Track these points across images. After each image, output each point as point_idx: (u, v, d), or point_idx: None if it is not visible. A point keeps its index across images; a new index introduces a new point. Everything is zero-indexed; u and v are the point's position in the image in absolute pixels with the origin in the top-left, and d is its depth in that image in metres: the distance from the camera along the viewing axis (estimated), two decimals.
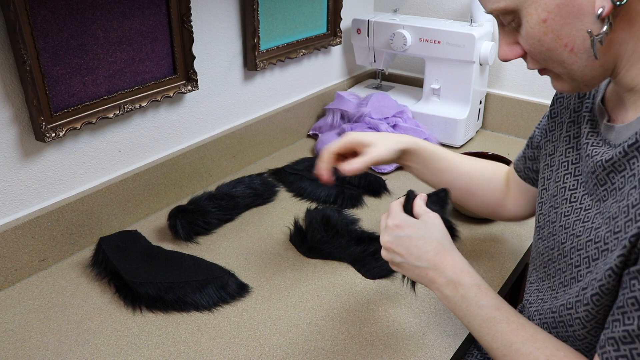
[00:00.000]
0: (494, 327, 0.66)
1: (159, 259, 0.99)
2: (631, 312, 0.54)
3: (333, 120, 1.49)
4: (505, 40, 0.65)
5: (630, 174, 0.60)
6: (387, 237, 0.74)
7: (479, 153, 1.20)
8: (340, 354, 0.82)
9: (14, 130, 0.93)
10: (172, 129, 1.21)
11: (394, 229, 0.74)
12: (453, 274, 0.69)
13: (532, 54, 0.63)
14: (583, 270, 0.65)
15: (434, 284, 0.71)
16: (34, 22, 0.88)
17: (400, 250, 0.73)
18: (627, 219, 0.57)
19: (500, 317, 0.66)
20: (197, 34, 1.17)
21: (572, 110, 0.76)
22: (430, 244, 0.71)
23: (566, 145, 0.75)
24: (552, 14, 0.57)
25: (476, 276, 0.70)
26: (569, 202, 0.71)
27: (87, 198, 1.05)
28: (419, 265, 0.71)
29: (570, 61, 0.60)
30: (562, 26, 0.58)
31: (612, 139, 0.65)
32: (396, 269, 0.76)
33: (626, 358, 0.54)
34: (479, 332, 0.67)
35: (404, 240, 0.72)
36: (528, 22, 0.60)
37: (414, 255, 0.71)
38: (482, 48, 1.38)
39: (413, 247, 0.72)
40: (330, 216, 1.09)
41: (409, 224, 0.73)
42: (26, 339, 0.85)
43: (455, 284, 0.69)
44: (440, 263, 0.70)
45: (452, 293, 0.69)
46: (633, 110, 0.63)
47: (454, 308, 0.70)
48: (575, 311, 0.64)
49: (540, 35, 0.59)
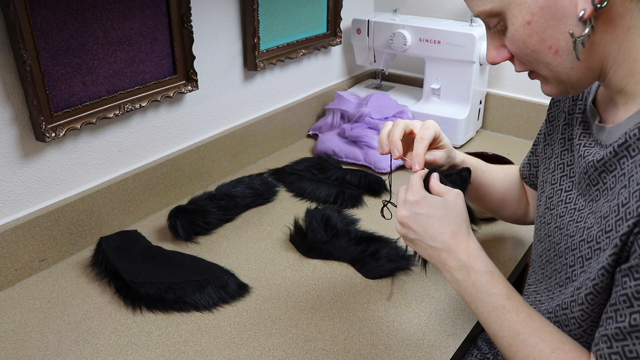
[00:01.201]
0: (503, 316, 0.65)
1: (159, 259, 0.99)
2: (623, 309, 0.55)
3: (333, 120, 1.49)
4: (492, 44, 0.66)
5: (620, 173, 0.60)
6: (405, 212, 0.71)
7: (479, 153, 1.20)
8: (340, 354, 0.82)
9: (14, 130, 0.93)
10: (172, 129, 1.21)
11: (413, 205, 0.70)
12: (466, 259, 0.68)
13: (518, 56, 0.63)
14: (577, 270, 0.65)
15: (446, 267, 0.69)
16: (34, 22, 0.88)
17: (416, 227, 0.70)
18: (618, 218, 0.57)
19: (510, 306, 0.65)
20: (197, 34, 1.17)
21: (567, 112, 0.76)
22: (449, 225, 0.69)
23: (561, 148, 0.76)
24: (535, 16, 0.58)
25: (489, 263, 0.69)
26: (564, 203, 0.72)
27: (87, 198, 1.05)
28: (433, 246, 0.69)
29: (555, 63, 0.61)
30: (545, 28, 0.58)
31: (604, 139, 0.65)
32: (408, 244, 0.74)
33: (619, 355, 0.55)
34: (486, 320, 0.67)
35: (422, 218, 0.70)
36: (513, 25, 0.60)
37: (429, 234, 0.69)
38: (482, 48, 1.38)
39: (430, 226, 0.69)
40: (330, 216, 1.09)
41: (429, 201, 0.70)
42: (26, 339, 0.85)
43: (468, 268, 0.68)
44: (455, 246, 0.69)
45: (463, 277, 0.68)
46: (623, 111, 0.63)
47: (463, 293, 0.69)
48: (570, 311, 0.64)
49: (525, 37, 0.60)
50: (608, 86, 0.64)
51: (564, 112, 0.77)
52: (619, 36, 0.58)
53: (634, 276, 0.54)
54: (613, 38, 0.58)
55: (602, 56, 0.60)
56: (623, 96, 0.63)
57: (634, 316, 0.53)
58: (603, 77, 0.63)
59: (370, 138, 1.37)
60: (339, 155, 1.40)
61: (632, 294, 0.54)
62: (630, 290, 0.54)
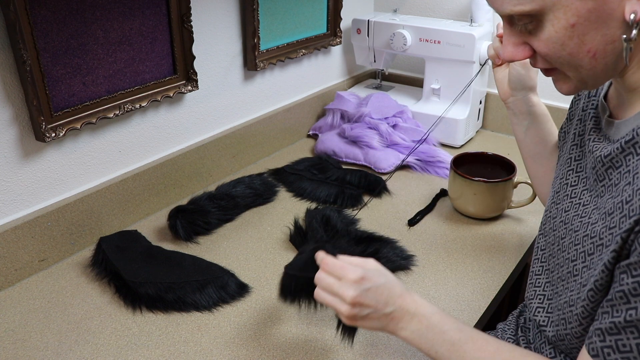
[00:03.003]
0: (461, 349, 0.66)
1: (159, 259, 0.99)
2: (619, 304, 0.55)
3: (333, 120, 1.49)
4: (511, 41, 0.64)
5: (626, 169, 0.60)
6: (354, 292, 0.68)
7: (479, 153, 1.20)
8: (340, 354, 0.82)
9: (14, 130, 0.93)
10: (172, 129, 1.21)
11: (360, 283, 0.69)
12: (415, 309, 0.69)
13: (548, 56, 0.62)
14: (579, 265, 0.65)
15: (400, 324, 0.69)
16: (34, 22, 0.88)
17: (369, 301, 0.69)
18: (622, 215, 0.57)
19: (465, 338, 0.67)
20: (197, 34, 1.17)
21: (581, 109, 0.77)
22: (394, 287, 0.70)
23: (571, 143, 0.77)
24: (581, 18, 0.56)
25: (434, 306, 0.70)
26: (570, 197, 0.72)
27: (87, 198, 1.05)
28: (387, 312, 0.69)
29: (589, 67, 0.60)
30: (588, 31, 0.57)
31: (612, 134, 0.66)
32: (355, 323, 0.72)
33: (611, 349, 0.55)
34: (449, 359, 0.67)
35: (372, 290, 0.69)
36: (553, 26, 0.58)
37: (383, 302, 0.69)
38: (482, 48, 1.38)
39: (380, 294, 0.69)
40: (330, 216, 1.09)
41: (369, 274, 0.70)
42: (26, 339, 0.85)
43: (419, 317, 0.69)
44: (404, 302, 0.70)
45: (417, 327, 0.69)
46: (631, 108, 0.64)
47: (420, 342, 0.69)
48: (575, 307, 0.64)
49: (565, 39, 0.58)
50: (622, 83, 0.64)
51: (579, 108, 0.78)
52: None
53: (632, 273, 0.54)
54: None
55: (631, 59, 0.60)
56: (632, 94, 0.63)
57: (630, 312, 0.54)
58: (621, 75, 0.62)
59: (370, 138, 1.37)
60: (339, 155, 1.40)
61: (629, 290, 0.54)
62: (628, 286, 0.54)
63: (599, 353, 0.57)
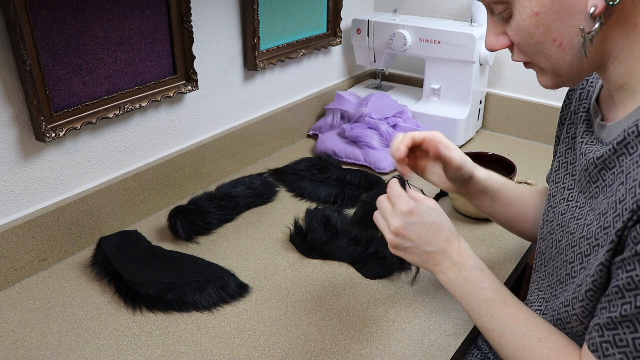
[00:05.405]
0: (492, 308, 0.68)
1: (159, 259, 0.99)
2: (615, 299, 0.56)
3: (333, 120, 1.49)
4: (492, 30, 0.66)
5: (619, 170, 0.61)
6: (399, 223, 0.72)
7: (479, 153, 1.20)
8: (340, 354, 0.82)
9: (14, 130, 0.93)
10: (172, 129, 1.21)
11: (407, 215, 0.72)
12: (458, 257, 0.72)
13: (520, 46, 0.64)
14: (577, 267, 0.66)
15: (439, 267, 0.73)
16: (34, 22, 0.88)
17: (412, 235, 0.72)
18: (615, 215, 0.58)
19: (499, 299, 0.69)
20: (197, 34, 1.17)
21: (573, 112, 0.77)
22: (442, 230, 0.73)
23: (565, 147, 0.77)
24: (545, 7, 0.58)
25: (479, 260, 0.73)
26: (566, 201, 0.73)
27: (87, 198, 1.05)
28: (429, 250, 0.72)
29: (558, 56, 0.61)
30: (553, 21, 0.59)
31: (604, 137, 0.66)
32: (398, 253, 0.75)
33: (609, 343, 0.56)
34: (477, 314, 0.70)
35: (417, 226, 0.72)
36: (520, 14, 0.60)
37: (425, 240, 0.72)
38: (482, 48, 1.38)
39: (425, 232, 0.72)
40: (330, 216, 1.09)
41: (420, 210, 0.73)
42: (26, 339, 0.85)
43: (460, 266, 0.71)
44: (449, 247, 0.72)
45: (455, 275, 0.72)
46: (623, 109, 0.64)
47: (455, 290, 0.72)
48: (572, 308, 0.65)
49: (530, 28, 0.60)
50: (607, 81, 0.64)
51: (570, 111, 0.78)
52: (624, 33, 0.59)
53: (626, 268, 0.54)
54: (619, 35, 0.59)
55: (605, 51, 0.61)
56: (622, 93, 0.63)
57: (625, 306, 0.54)
58: (602, 71, 0.63)
59: (370, 138, 1.37)
60: (339, 155, 1.40)
61: (624, 285, 0.55)
62: (622, 281, 0.55)
63: (597, 348, 0.58)
